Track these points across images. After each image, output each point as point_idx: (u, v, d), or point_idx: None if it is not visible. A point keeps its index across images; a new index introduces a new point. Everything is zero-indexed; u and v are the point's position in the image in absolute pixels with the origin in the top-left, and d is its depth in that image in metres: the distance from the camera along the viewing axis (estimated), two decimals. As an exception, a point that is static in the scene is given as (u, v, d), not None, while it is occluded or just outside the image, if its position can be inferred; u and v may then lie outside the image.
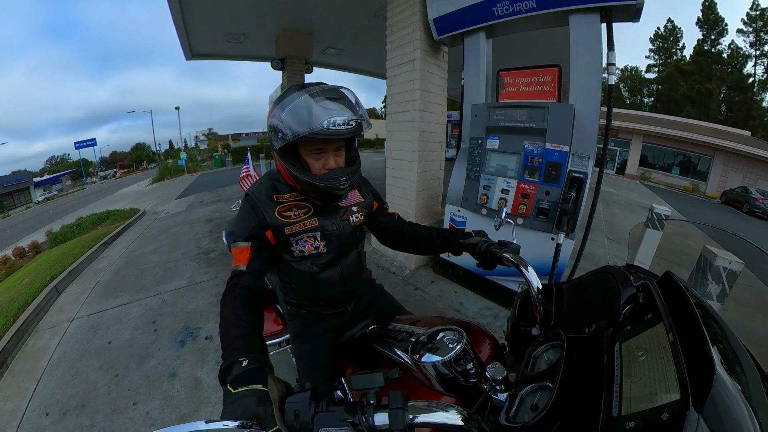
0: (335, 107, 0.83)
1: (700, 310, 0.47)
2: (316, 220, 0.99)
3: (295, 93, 0.84)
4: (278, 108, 0.84)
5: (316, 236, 0.99)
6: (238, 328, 0.76)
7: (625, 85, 34.47)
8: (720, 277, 1.58)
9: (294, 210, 0.97)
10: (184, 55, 6.59)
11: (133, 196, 13.97)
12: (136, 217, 7.41)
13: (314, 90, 0.83)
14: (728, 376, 0.38)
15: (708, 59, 28.49)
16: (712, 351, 0.40)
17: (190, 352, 2.42)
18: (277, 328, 1.40)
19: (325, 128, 0.80)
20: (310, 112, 0.80)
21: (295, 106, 0.82)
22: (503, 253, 0.92)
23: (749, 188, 14.61)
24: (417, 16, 3.01)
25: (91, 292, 3.59)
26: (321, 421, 0.53)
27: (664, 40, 31.81)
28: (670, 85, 30.28)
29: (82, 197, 23.99)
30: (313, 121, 0.79)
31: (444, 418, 0.55)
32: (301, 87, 0.86)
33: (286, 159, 0.89)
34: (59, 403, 2.06)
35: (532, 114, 2.32)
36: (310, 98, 0.82)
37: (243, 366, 0.64)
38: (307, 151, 0.89)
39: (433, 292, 3.06)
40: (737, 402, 0.36)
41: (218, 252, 4.38)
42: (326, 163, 0.90)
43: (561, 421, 0.51)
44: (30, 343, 2.78)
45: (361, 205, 1.10)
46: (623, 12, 2.07)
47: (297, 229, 0.96)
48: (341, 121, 0.81)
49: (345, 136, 0.84)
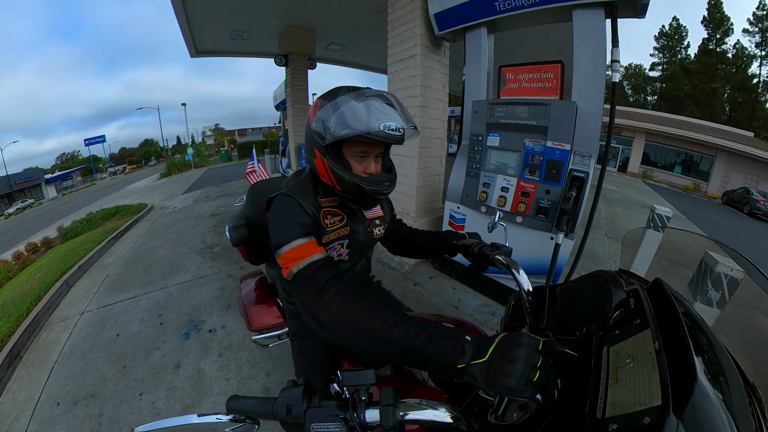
0: (390, 112, 0.83)
1: (687, 320, 0.47)
2: (348, 228, 0.98)
3: (349, 94, 0.83)
4: (329, 105, 0.83)
5: (344, 244, 0.98)
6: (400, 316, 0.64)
7: (628, 83, 33.96)
8: (720, 283, 1.54)
9: (330, 218, 0.95)
10: (188, 52, 6.59)
11: (142, 192, 14.09)
12: (144, 212, 7.45)
13: (369, 93, 0.84)
14: (710, 385, 0.38)
15: (713, 59, 27.93)
16: (695, 360, 0.40)
17: (194, 345, 2.45)
18: (278, 321, 1.43)
19: (381, 130, 0.79)
20: (368, 113, 0.81)
21: (352, 105, 0.81)
22: (495, 255, 0.93)
23: (751, 190, 14.37)
24: (418, 12, 2.97)
25: (100, 286, 3.64)
26: (313, 416, 0.54)
27: (668, 39, 31.23)
28: (674, 84, 29.77)
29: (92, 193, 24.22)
30: (371, 122, 0.79)
31: (433, 415, 0.55)
32: (353, 89, 0.86)
33: (330, 158, 0.87)
34: (70, 393, 2.10)
35: (533, 111, 2.28)
36: (366, 100, 0.82)
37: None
38: (351, 152, 0.88)
39: (432, 288, 3.06)
40: (717, 410, 0.37)
41: (222, 246, 4.40)
42: (367, 166, 0.89)
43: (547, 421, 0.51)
44: (42, 336, 2.83)
45: (382, 219, 1.12)
46: (629, 7, 2.01)
47: (333, 237, 0.95)
48: (394, 126, 0.81)
49: (395, 140, 0.84)
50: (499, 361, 0.51)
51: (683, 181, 18.96)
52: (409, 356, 0.59)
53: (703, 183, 18.33)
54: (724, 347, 0.48)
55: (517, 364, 0.49)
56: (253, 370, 2.15)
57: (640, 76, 34.04)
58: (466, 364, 0.54)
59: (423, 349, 0.57)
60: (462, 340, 0.57)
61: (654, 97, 33.30)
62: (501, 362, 0.51)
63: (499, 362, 0.51)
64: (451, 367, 0.55)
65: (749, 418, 0.41)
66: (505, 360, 0.51)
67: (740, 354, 0.53)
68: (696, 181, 18.57)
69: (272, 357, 2.23)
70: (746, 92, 26.87)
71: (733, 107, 27.90)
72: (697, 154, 18.57)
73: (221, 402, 0.59)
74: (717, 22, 27.51)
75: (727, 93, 28.02)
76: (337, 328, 0.65)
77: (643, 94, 34.11)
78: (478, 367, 0.53)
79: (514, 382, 0.48)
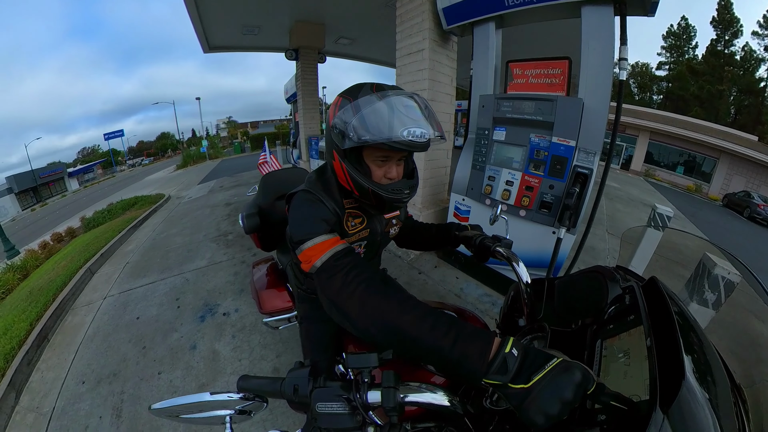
0: (415, 117, 0.74)
1: (680, 318, 0.47)
2: (368, 231, 0.94)
3: (373, 95, 0.74)
4: (351, 106, 0.74)
5: (362, 244, 0.95)
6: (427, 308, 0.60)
7: (634, 81, 33.02)
8: (717, 285, 1.51)
9: (351, 219, 0.90)
10: (201, 48, 6.58)
11: (159, 183, 14.26)
12: (161, 202, 7.57)
13: (393, 94, 0.74)
14: (698, 384, 0.38)
15: (720, 60, 26.93)
16: (685, 358, 0.40)
17: (209, 327, 2.50)
18: (288, 305, 1.46)
19: (404, 138, 0.71)
20: (392, 119, 0.71)
21: (375, 109, 0.72)
22: (496, 247, 0.92)
23: (752, 193, 13.99)
24: (426, 6, 2.91)
25: (121, 273, 3.71)
26: (318, 396, 0.55)
27: (677, 38, 30.15)
28: (680, 84, 28.82)
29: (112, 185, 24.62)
30: (394, 129, 0.70)
31: (432, 398, 0.56)
32: (378, 88, 0.76)
33: (349, 161, 0.80)
34: (94, 373, 2.18)
35: (540, 106, 2.24)
36: (391, 102, 0.73)
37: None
38: (373, 156, 0.80)
39: (436, 276, 3.06)
40: (703, 408, 0.37)
41: (235, 234, 4.46)
42: (388, 171, 0.82)
43: None
44: (68, 320, 2.91)
45: (398, 218, 1.09)
46: (638, 5, 1.94)
47: (354, 239, 0.91)
48: (419, 133, 0.72)
49: (419, 149, 0.76)
50: (541, 391, 0.43)
51: (685, 181, 18.54)
52: (433, 357, 0.53)
53: (705, 184, 17.91)
54: (714, 348, 0.48)
55: (561, 404, 0.41)
56: (264, 351, 2.20)
57: (647, 75, 33.07)
58: (503, 383, 0.46)
59: (449, 351, 0.51)
60: (493, 346, 0.49)
61: (659, 97, 32.36)
62: (544, 395, 0.42)
63: (542, 394, 0.43)
64: (475, 375, 0.48)
65: (733, 418, 0.41)
66: (551, 393, 0.42)
67: (729, 355, 0.52)
68: (698, 182, 18.16)
69: (282, 339, 2.27)
70: (753, 95, 25.92)
71: (738, 110, 26.97)
72: (700, 155, 18.11)
73: (235, 381, 0.60)
74: (726, 23, 26.45)
75: (734, 95, 27.07)
76: (360, 321, 0.61)
77: (648, 92, 33.17)
78: (514, 392, 0.45)
79: (546, 420, 0.41)
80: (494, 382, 0.47)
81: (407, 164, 0.89)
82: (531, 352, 0.48)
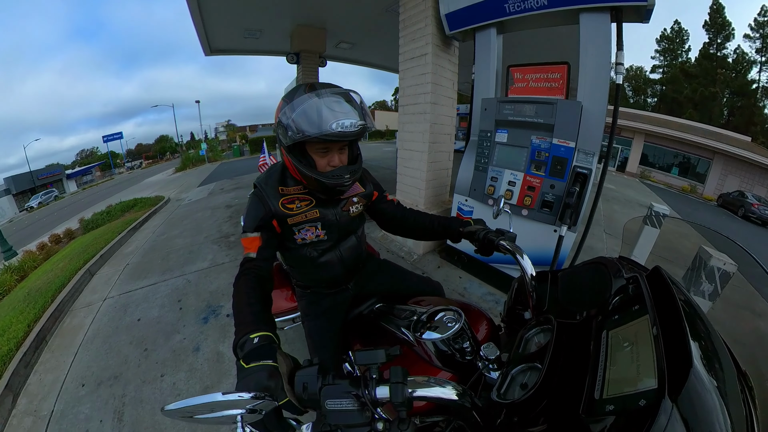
0: (343, 110, 0.83)
1: (685, 306, 0.47)
2: (317, 211, 1.01)
3: (305, 94, 0.83)
4: (288, 107, 0.84)
5: (317, 226, 1.02)
6: (249, 306, 0.78)
7: (629, 85, 33.28)
8: (713, 276, 1.54)
9: (297, 202, 0.98)
10: (203, 50, 6.59)
11: (158, 185, 14.19)
12: (161, 204, 7.53)
13: (323, 92, 0.83)
14: (705, 371, 0.38)
15: (713, 63, 27.26)
16: (692, 346, 0.40)
17: (212, 329, 2.48)
18: (292, 305, 1.45)
19: (334, 130, 0.80)
20: (320, 114, 0.80)
21: (306, 107, 0.81)
22: (500, 241, 0.93)
23: (746, 193, 14.16)
24: (429, 12, 2.95)
25: (121, 274, 3.68)
26: (327, 393, 0.55)
27: (670, 42, 30.50)
28: (674, 87, 29.14)
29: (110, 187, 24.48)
30: (323, 124, 0.80)
31: (440, 392, 0.57)
32: (310, 87, 0.85)
33: (294, 155, 0.89)
34: (94, 375, 2.13)
35: (540, 109, 2.29)
36: (320, 100, 0.82)
37: (255, 343, 0.66)
38: (314, 149, 0.89)
39: (439, 276, 3.05)
40: (711, 395, 0.37)
41: (237, 236, 4.43)
42: (331, 160, 0.91)
43: (548, 399, 0.51)
44: (66, 321, 2.87)
45: (361, 195, 1.12)
46: (634, 13, 2.00)
47: (299, 219, 0.99)
48: (348, 123, 0.82)
49: (351, 138, 0.85)
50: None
51: (680, 182, 18.67)
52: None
53: (700, 185, 18.04)
54: (720, 335, 0.48)
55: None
56: (267, 352, 2.18)
57: (641, 78, 33.38)
58: (239, 362, 0.65)
59: (235, 330, 0.72)
60: (249, 344, 0.67)
61: (654, 99, 32.68)
62: None
63: None
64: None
65: (741, 405, 0.41)
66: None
67: (733, 342, 0.53)
68: (692, 183, 18.29)
69: (288, 340, 2.24)
70: (745, 97, 26.23)
71: (731, 111, 27.30)
72: (694, 157, 18.25)
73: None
74: (718, 26, 26.83)
75: (726, 97, 27.37)
76: (233, 295, 0.83)
77: (643, 95, 33.50)
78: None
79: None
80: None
81: (351, 151, 0.98)
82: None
